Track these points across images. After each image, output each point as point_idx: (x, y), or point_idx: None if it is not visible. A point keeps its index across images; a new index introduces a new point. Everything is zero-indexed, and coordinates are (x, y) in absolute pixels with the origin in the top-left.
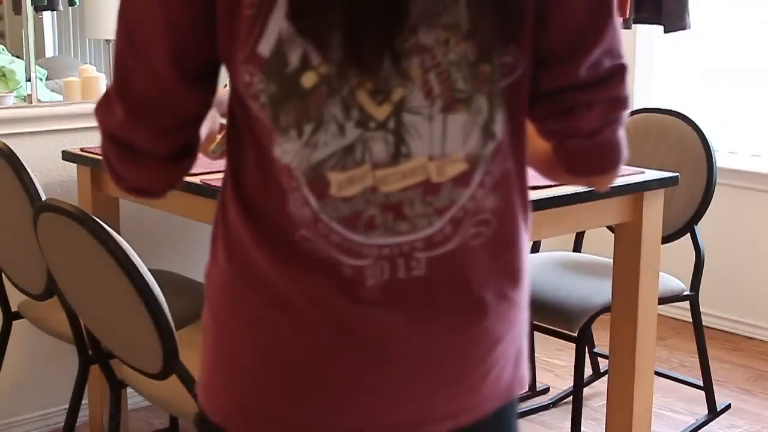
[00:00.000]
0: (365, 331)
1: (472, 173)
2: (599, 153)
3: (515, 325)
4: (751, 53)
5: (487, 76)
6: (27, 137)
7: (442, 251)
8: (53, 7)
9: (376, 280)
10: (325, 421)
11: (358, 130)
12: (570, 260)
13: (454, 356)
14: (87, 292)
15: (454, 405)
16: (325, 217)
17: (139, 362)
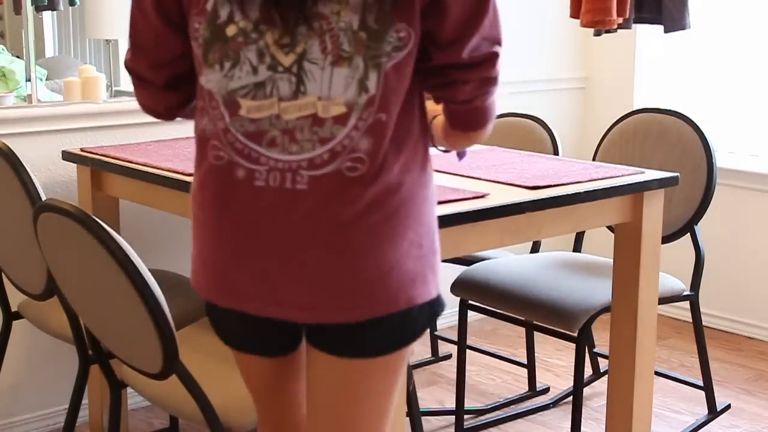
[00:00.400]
0: (261, 229)
1: (349, 116)
2: (471, 115)
3: (385, 244)
4: (751, 53)
5: (364, 42)
6: (27, 137)
7: (321, 173)
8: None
9: (266, 184)
10: (227, 291)
11: (269, 72)
12: (570, 260)
13: (322, 259)
14: (87, 292)
15: (316, 299)
16: (233, 129)
17: (139, 362)
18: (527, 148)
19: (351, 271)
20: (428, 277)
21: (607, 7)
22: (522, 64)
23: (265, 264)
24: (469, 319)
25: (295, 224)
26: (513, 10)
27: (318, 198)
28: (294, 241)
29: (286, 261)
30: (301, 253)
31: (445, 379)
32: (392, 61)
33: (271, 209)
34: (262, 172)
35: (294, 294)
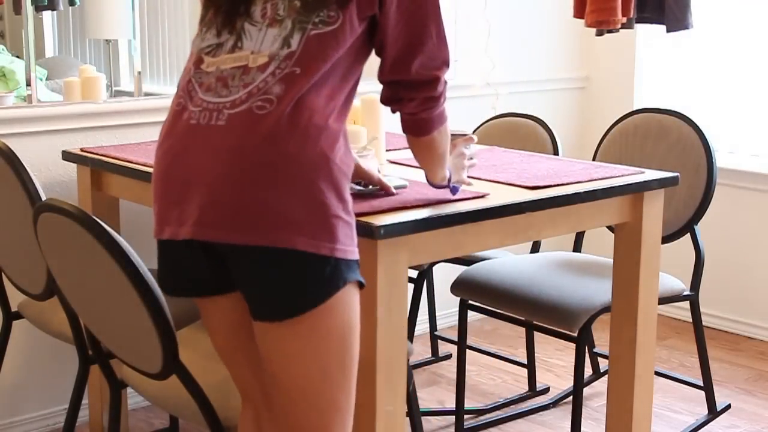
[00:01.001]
0: (182, 160)
1: (269, 65)
2: (417, 124)
3: (282, 182)
4: (752, 53)
5: (296, 9)
6: (27, 137)
7: (236, 111)
8: (53, 7)
9: (197, 122)
10: (157, 222)
11: (227, 35)
12: (570, 260)
13: (227, 181)
14: (87, 292)
15: (211, 217)
16: (193, 80)
17: (139, 362)
18: (527, 148)
19: (248, 196)
20: (336, 235)
21: (613, 7)
22: (522, 64)
23: (180, 189)
24: (469, 319)
25: (208, 154)
26: (513, 10)
27: (230, 130)
28: (205, 169)
29: (196, 186)
30: (210, 178)
31: (445, 379)
32: (316, 30)
33: (193, 142)
34: (195, 112)
35: (196, 213)
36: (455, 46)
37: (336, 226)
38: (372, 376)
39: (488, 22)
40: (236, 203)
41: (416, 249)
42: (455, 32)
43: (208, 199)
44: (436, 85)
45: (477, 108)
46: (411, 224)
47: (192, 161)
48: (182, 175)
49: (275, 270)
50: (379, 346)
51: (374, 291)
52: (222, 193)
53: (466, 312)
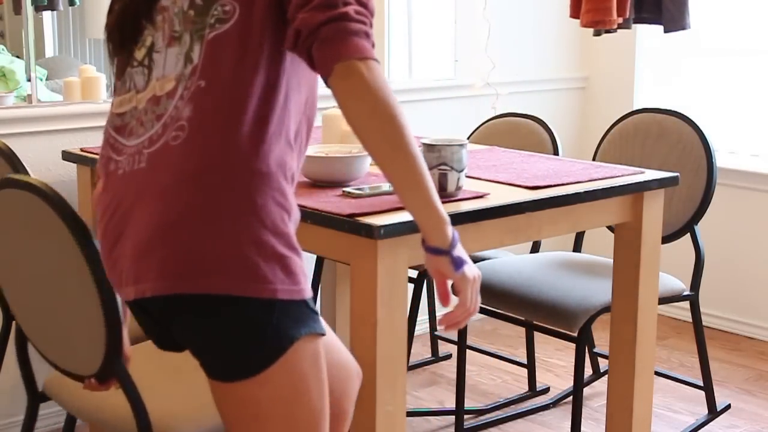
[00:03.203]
0: (116, 210)
1: (177, 88)
2: (324, 44)
3: (201, 220)
4: (751, 53)
5: (191, 19)
6: (27, 137)
7: (154, 149)
8: (53, 7)
9: (123, 171)
10: (113, 280)
11: (127, 68)
12: (570, 260)
13: (149, 228)
14: (29, 278)
15: (138, 272)
16: (108, 127)
17: (74, 363)
18: (527, 148)
19: (165, 241)
20: (264, 275)
21: (608, 7)
22: (522, 64)
23: (115, 248)
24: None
25: (132, 202)
26: (513, 10)
27: (149, 172)
28: (133, 219)
29: (126, 240)
30: (136, 228)
31: (445, 379)
32: (214, 32)
33: (124, 193)
34: (122, 161)
35: (130, 271)
36: (455, 46)
37: (270, 264)
38: (372, 376)
39: (488, 22)
40: (159, 248)
41: (416, 249)
42: (455, 32)
43: (135, 252)
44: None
45: (477, 108)
46: (411, 224)
47: (122, 215)
48: (115, 231)
49: (211, 322)
50: (379, 346)
51: (374, 291)
52: (147, 241)
53: None
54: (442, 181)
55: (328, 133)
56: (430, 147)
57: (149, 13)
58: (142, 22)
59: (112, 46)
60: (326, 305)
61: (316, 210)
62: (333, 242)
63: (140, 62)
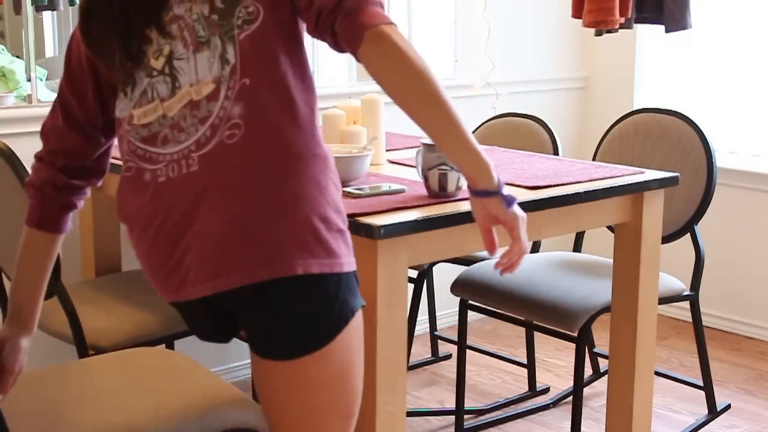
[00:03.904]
0: (168, 216)
1: (219, 90)
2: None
3: (274, 208)
4: (751, 53)
5: (216, 23)
6: (27, 137)
7: (206, 150)
8: (53, 7)
9: (167, 178)
10: (155, 282)
11: (147, 78)
12: (570, 260)
13: (223, 224)
14: None
15: (209, 269)
16: (131, 138)
17: None
18: (527, 148)
19: (246, 233)
20: (334, 249)
21: (610, 7)
22: (522, 64)
23: (177, 251)
24: (469, 319)
25: (190, 204)
26: (513, 10)
27: (205, 172)
28: (195, 220)
29: (191, 241)
30: (203, 228)
31: (445, 379)
32: (245, 33)
33: (175, 198)
34: (162, 169)
35: (200, 269)
36: (455, 46)
37: (337, 240)
38: (372, 376)
39: (488, 22)
40: (229, 245)
41: (416, 249)
42: (455, 32)
43: (212, 249)
44: None
45: (477, 108)
46: (411, 224)
47: (178, 218)
48: (171, 237)
49: (290, 302)
50: (379, 346)
51: (374, 291)
52: (226, 239)
53: (466, 312)
54: (442, 181)
55: (328, 133)
56: (430, 147)
57: (159, 24)
58: (148, 33)
59: (119, 62)
60: None
61: None
62: None
63: (161, 71)
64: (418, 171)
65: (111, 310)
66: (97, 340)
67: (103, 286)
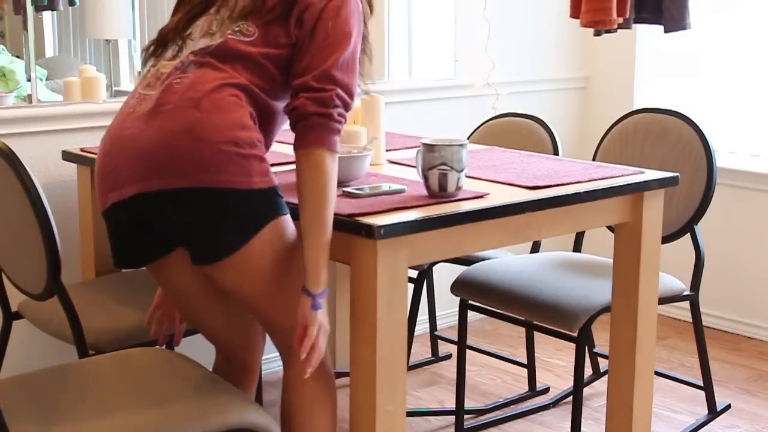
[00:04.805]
0: (122, 134)
1: (191, 56)
2: (306, 125)
3: (203, 135)
4: (751, 53)
5: (224, 22)
6: (27, 137)
7: (160, 90)
8: (53, 7)
9: (134, 109)
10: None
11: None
12: (570, 260)
13: (153, 144)
14: None
15: (146, 174)
16: (138, 85)
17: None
18: (527, 148)
19: (168, 150)
20: (244, 169)
21: (607, 7)
22: (522, 64)
23: (118, 159)
24: (469, 319)
25: (137, 128)
26: (513, 10)
27: (152, 105)
28: (134, 138)
29: (128, 153)
30: (138, 144)
31: (445, 379)
32: (234, 36)
33: (128, 124)
34: (132, 102)
35: (133, 174)
36: (455, 46)
37: (249, 162)
38: (372, 376)
39: (488, 22)
40: (161, 158)
41: (416, 249)
42: (455, 32)
43: (139, 159)
44: (332, 99)
45: (477, 108)
46: (411, 224)
47: (124, 136)
48: (118, 147)
49: (206, 210)
50: (379, 346)
51: (374, 291)
52: (149, 153)
53: (466, 312)
54: (442, 181)
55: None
56: (430, 147)
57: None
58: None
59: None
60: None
61: None
62: (333, 242)
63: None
64: (418, 171)
65: (111, 310)
66: (97, 340)
67: (103, 286)
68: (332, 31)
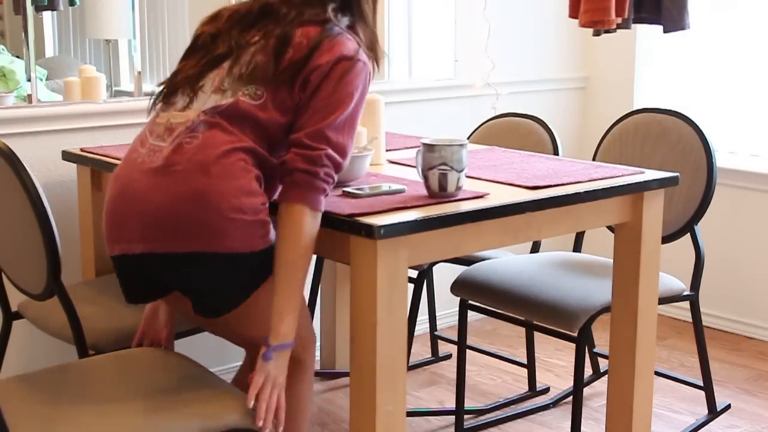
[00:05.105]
0: (132, 187)
1: (201, 114)
2: (293, 182)
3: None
4: (751, 53)
5: (235, 81)
6: (27, 137)
7: (172, 147)
8: (53, 7)
9: (143, 160)
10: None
11: (181, 97)
12: (570, 260)
13: (160, 208)
14: None
15: (153, 237)
16: (146, 130)
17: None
18: (527, 148)
19: (175, 214)
20: (248, 233)
21: (606, 7)
22: (522, 64)
23: (126, 213)
24: (469, 319)
25: (148, 185)
26: (513, 10)
27: (164, 164)
28: (144, 196)
29: (139, 210)
30: (147, 203)
31: (445, 379)
32: (244, 99)
33: (138, 176)
34: (143, 153)
35: (139, 232)
36: (455, 46)
37: (254, 229)
38: (372, 376)
39: (488, 22)
40: (169, 222)
41: (416, 249)
42: (455, 32)
43: (146, 220)
44: (322, 159)
45: (477, 108)
46: (411, 224)
47: (133, 189)
48: (126, 198)
49: (210, 273)
50: (379, 346)
51: (374, 291)
52: (157, 216)
53: (466, 312)
54: (442, 181)
55: None
56: (430, 147)
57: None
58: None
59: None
60: (326, 305)
61: None
62: (333, 242)
63: (190, 96)
64: (418, 171)
65: (111, 310)
66: (97, 341)
67: (103, 286)
68: (334, 92)
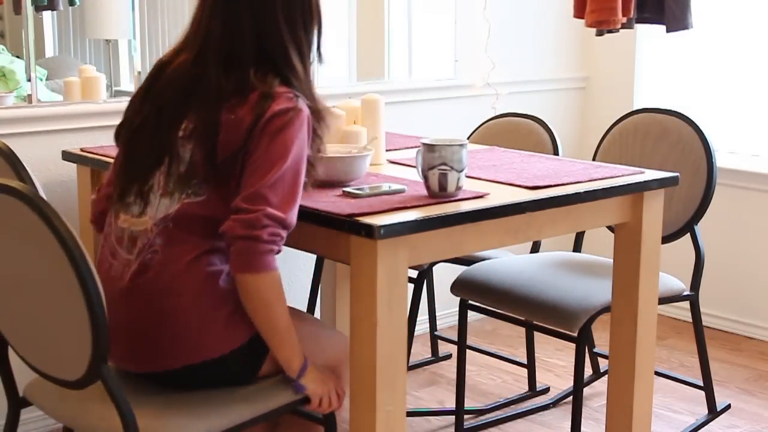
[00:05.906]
0: (114, 310)
1: (156, 225)
2: (239, 252)
3: (183, 317)
4: (751, 53)
5: (177, 182)
6: (27, 137)
7: (136, 266)
8: (53, 7)
9: (116, 275)
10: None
11: (134, 198)
12: (570, 260)
13: (140, 332)
14: (11, 282)
15: (131, 353)
16: (112, 237)
17: (57, 368)
18: (527, 148)
19: (146, 334)
20: (233, 333)
21: (613, 7)
22: (522, 64)
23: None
24: (469, 319)
25: (122, 306)
26: (513, 10)
27: (132, 284)
28: (121, 318)
29: (119, 330)
30: (124, 325)
31: (445, 379)
32: (188, 199)
33: (113, 295)
34: (116, 265)
35: (117, 347)
36: (455, 46)
37: (235, 324)
38: (372, 376)
39: (488, 22)
40: (145, 346)
41: (416, 249)
42: (455, 32)
43: (126, 343)
44: (261, 220)
45: (477, 108)
46: (411, 224)
47: (111, 308)
48: (112, 321)
49: (196, 381)
50: (379, 346)
51: (374, 291)
52: (134, 341)
53: (466, 312)
54: (442, 181)
55: (328, 134)
56: (430, 147)
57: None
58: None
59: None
60: (326, 305)
61: (316, 210)
62: (333, 242)
63: (143, 198)
64: (418, 171)
65: None
66: None
67: None
68: (270, 149)
